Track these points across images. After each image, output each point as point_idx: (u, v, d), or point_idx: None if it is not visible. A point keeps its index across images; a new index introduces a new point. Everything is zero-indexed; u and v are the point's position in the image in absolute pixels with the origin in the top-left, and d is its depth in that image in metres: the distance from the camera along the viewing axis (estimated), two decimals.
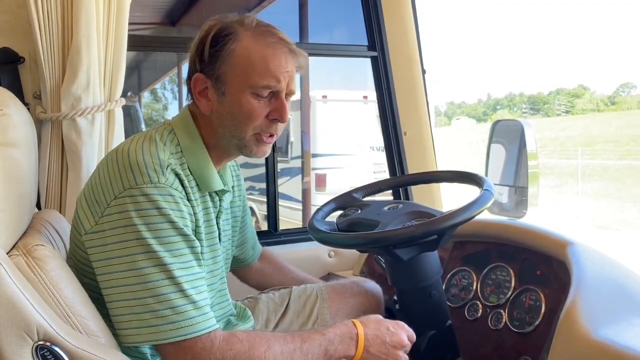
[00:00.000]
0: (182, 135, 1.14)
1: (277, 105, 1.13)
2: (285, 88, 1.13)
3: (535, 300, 1.42)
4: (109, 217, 1.00)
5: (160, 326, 0.96)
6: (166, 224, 0.99)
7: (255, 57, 1.10)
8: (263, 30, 1.12)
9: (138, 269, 0.97)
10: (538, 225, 1.54)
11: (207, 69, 1.12)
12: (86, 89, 1.46)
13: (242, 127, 1.13)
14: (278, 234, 2.08)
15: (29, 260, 0.94)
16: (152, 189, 1.00)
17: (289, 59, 1.13)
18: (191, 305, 0.99)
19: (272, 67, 1.10)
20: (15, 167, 0.99)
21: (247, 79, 1.10)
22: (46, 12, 1.42)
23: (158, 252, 0.98)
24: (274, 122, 1.14)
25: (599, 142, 22.24)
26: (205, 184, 1.14)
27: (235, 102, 1.11)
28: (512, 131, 1.86)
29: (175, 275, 0.98)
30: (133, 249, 0.97)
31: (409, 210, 1.37)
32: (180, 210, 1.03)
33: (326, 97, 7.53)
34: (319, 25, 6.07)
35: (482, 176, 1.39)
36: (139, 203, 0.99)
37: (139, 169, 1.01)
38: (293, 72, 1.14)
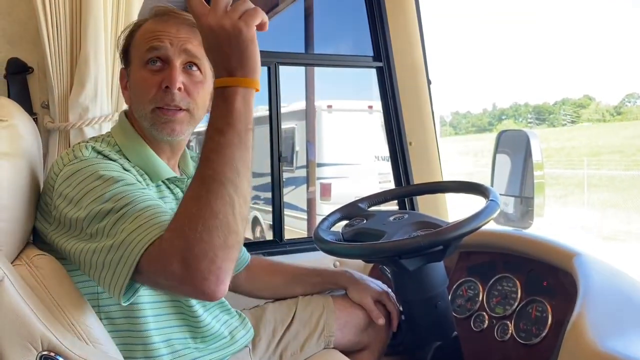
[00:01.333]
0: (119, 136, 1.15)
1: (167, 72, 1.09)
2: (177, 53, 1.09)
3: (542, 311, 1.41)
4: (55, 209, 0.99)
5: (132, 241, 0.86)
6: (96, 181, 0.97)
7: (147, 31, 1.12)
8: (161, 10, 1.14)
9: (90, 224, 0.92)
10: (544, 236, 1.53)
11: (124, 61, 1.18)
12: (94, 99, 1.47)
13: (140, 103, 1.12)
14: (283, 243, 2.08)
15: (32, 269, 0.94)
16: (76, 162, 1.01)
17: (183, 28, 1.11)
18: (147, 217, 0.89)
19: (157, 34, 1.10)
20: (20, 177, 1.00)
21: (138, 54, 1.12)
22: (55, 23, 1.44)
23: (100, 207, 0.92)
24: (167, 91, 1.09)
25: (604, 153, 22.16)
26: (154, 174, 1.14)
27: (134, 80, 1.13)
28: (517, 141, 1.85)
29: (125, 210, 0.91)
30: (76, 213, 0.95)
31: (414, 220, 1.37)
32: (108, 166, 1.02)
33: (331, 107, 7.55)
34: (325, 36, 6.09)
35: (488, 186, 1.39)
36: (68, 178, 0.99)
37: (67, 156, 1.04)
38: (190, 39, 1.11)
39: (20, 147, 0.99)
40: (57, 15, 1.43)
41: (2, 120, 0.95)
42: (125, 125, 1.17)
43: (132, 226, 0.88)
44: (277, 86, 2.01)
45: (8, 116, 0.96)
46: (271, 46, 5.24)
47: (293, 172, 7.44)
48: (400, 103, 2.16)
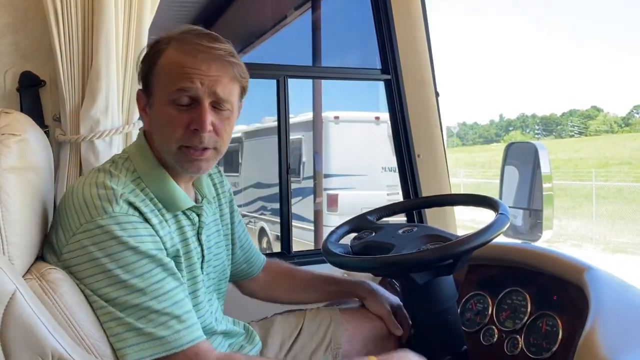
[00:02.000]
0: (137, 161, 1.12)
1: (196, 113, 1.05)
2: (206, 93, 1.05)
3: (552, 326, 1.40)
4: (69, 254, 0.99)
5: (149, 342, 0.96)
6: (127, 251, 0.98)
7: (173, 64, 1.06)
8: (187, 40, 1.07)
9: (112, 300, 0.97)
10: (554, 250, 1.52)
11: (143, 84, 1.13)
12: (105, 112, 1.49)
13: (165, 140, 1.08)
14: (291, 255, 2.08)
15: (43, 283, 0.95)
16: (107, 219, 0.98)
17: (214, 65, 1.06)
18: (174, 320, 0.99)
19: (186, 70, 1.04)
20: (32, 191, 1.01)
21: (165, 87, 1.06)
22: (67, 37, 1.45)
23: (128, 281, 0.97)
24: (195, 132, 1.06)
25: (613, 164, 22.04)
26: (171, 205, 1.11)
27: (158, 114, 1.08)
28: (525, 153, 1.85)
29: (151, 296, 0.98)
30: (101, 282, 0.97)
31: (424, 233, 1.37)
32: (140, 235, 1.01)
33: (338, 118, 7.57)
34: (333, 48, 6.13)
35: (498, 200, 1.38)
36: (97, 236, 0.97)
37: (93, 202, 1.00)
38: (221, 78, 1.06)
39: (31, 161, 1.00)
40: (70, 30, 1.45)
41: (15, 135, 0.95)
42: (145, 150, 1.14)
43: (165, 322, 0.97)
44: (286, 99, 2.03)
45: (21, 130, 0.97)
46: (279, 58, 5.26)
47: (300, 183, 7.46)
48: (408, 115, 2.16)
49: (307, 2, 4.84)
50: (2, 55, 1.48)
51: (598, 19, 66.34)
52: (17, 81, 1.49)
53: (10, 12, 1.48)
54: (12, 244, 0.91)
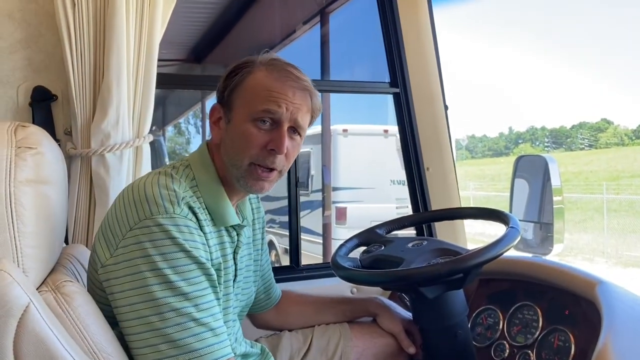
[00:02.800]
0: (198, 170, 1.15)
1: (276, 135, 1.11)
2: (288, 118, 1.12)
3: (565, 341, 1.38)
4: (124, 249, 1.00)
5: (179, 356, 0.96)
6: (180, 252, 0.99)
7: (261, 86, 1.11)
8: (278, 66, 1.14)
9: (155, 299, 0.97)
10: (565, 264, 1.51)
11: (223, 99, 1.16)
12: (115, 126, 1.50)
13: (239, 155, 1.12)
14: (300, 269, 2.07)
15: (58, 296, 0.95)
16: (167, 219, 1.00)
17: (299, 93, 1.13)
18: (210, 333, 0.99)
19: (274, 94, 1.10)
20: (47, 204, 1.01)
21: (249, 106, 1.11)
22: (79, 51, 1.47)
23: (175, 282, 0.98)
24: (271, 153, 1.11)
25: (624, 177, 21.86)
26: (220, 219, 1.14)
27: (237, 129, 1.12)
28: (535, 167, 1.85)
29: (193, 303, 0.98)
30: (149, 279, 0.97)
31: (433, 247, 1.36)
32: (195, 241, 1.03)
33: (347, 131, 7.58)
34: (342, 62, 6.16)
35: (508, 213, 1.37)
36: (154, 233, 0.99)
37: (155, 200, 1.02)
38: (302, 106, 1.13)
39: (47, 174, 1.01)
40: (82, 45, 1.47)
41: (31, 148, 0.96)
42: (207, 160, 1.17)
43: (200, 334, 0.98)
44: None
45: (37, 144, 0.98)
46: None
47: (308, 196, 7.46)
48: (417, 129, 2.16)
49: (315, 17, 4.88)
50: (15, 70, 1.51)
51: (609, 34, 66.34)
52: (29, 95, 1.52)
53: (23, 28, 1.50)
54: (27, 256, 0.92)
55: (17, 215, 0.90)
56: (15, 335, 0.81)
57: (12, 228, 0.90)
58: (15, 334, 0.81)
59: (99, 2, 1.47)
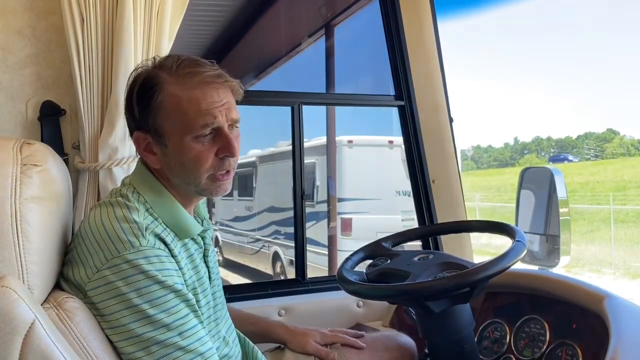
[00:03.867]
0: (145, 192, 1.12)
1: (223, 141, 1.09)
2: (225, 121, 1.09)
3: (572, 355, 1.37)
4: (94, 291, 0.99)
5: None
6: (155, 285, 0.98)
7: (184, 101, 1.07)
8: (186, 72, 1.08)
9: (138, 336, 0.97)
10: (572, 277, 1.50)
11: (142, 124, 1.11)
12: (123, 140, 1.51)
13: (194, 174, 1.10)
14: (306, 282, 2.07)
15: (60, 312, 0.95)
16: (135, 254, 0.98)
17: (221, 91, 1.09)
18: (199, 358, 0.99)
19: (204, 106, 1.06)
20: (52, 220, 1.02)
21: (183, 125, 1.07)
22: (88, 66, 1.49)
23: (154, 316, 0.97)
24: (224, 159, 1.11)
25: (631, 187, 21.74)
26: (183, 232, 1.12)
27: (179, 151, 1.09)
28: (541, 178, 1.84)
29: (176, 332, 0.98)
30: (127, 317, 0.97)
31: (440, 261, 1.36)
32: (167, 269, 1.01)
33: (352, 142, 7.59)
34: (347, 74, 6.18)
35: (514, 227, 1.37)
36: (124, 271, 0.97)
37: (118, 236, 1.00)
38: (230, 102, 1.11)
39: (52, 190, 1.02)
40: (90, 60, 1.49)
41: (37, 165, 0.97)
42: (152, 180, 1.14)
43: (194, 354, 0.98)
44: (301, 126, 2.04)
45: (42, 161, 0.99)
46: (293, 84, 5.31)
47: (314, 207, 7.46)
48: (422, 141, 2.16)
49: (320, 30, 4.91)
50: (25, 85, 1.53)
51: (611, 43, 66.35)
52: (38, 110, 1.53)
53: (33, 44, 1.52)
54: (32, 272, 0.93)
55: (22, 233, 0.91)
56: (20, 352, 0.82)
57: (18, 245, 0.91)
58: (21, 351, 0.82)
59: (108, 18, 1.49)
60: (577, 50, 64.93)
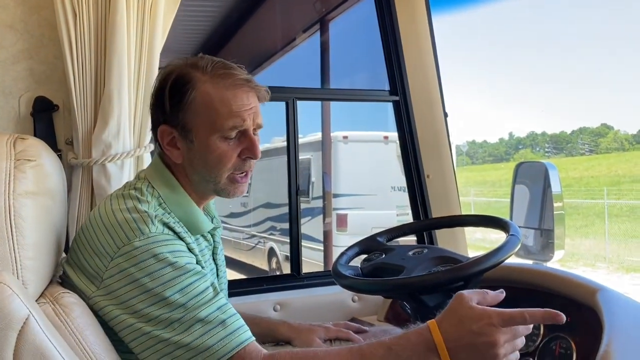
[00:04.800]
0: (160, 186, 1.14)
1: (247, 143, 1.14)
2: (252, 125, 1.14)
3: (566, 348, 1.38)
4: (110, 280, 1.00)
5: (196, 356, 0.97)
6: (167, 267, 1.00)
7: (216, 101, 1.11)
8: (220, 73, 1.13)
9: (156, 318, 0.97)
10: (565, 271, 1.51)
11: (170, 119, 1.14)
12: (116, 136, 1.51)
13: (215, 172, 1.14)
14: (301, 277, 2.07)
15: (56, 307, 0.95)
16: (145, 240, 1.01)
17: (250, 95, 1.14)
18: (220, 326, 0.99)
19: (235, 108, 1.11)
20: (47, 215, 1.02)
21: (212, 123, 1.11)
22: (81, 62, 1.49)
23: (169, 297, 0.98)
24: (246, 160, 1.15)
25: (625, 182, 21.86)
26: (195, 229, 1.15)
27: (205, 148, 1.12)
28: (535, 173, 1.85)
29: (193, 309, 0.99)
30: (144, 302, 0.98)
31: (434, 255, 1.36)
32: (178, 250, 1.04)
33: (347, 138, 7.59)
34: (342, 70, 6.18)
35: (509, 221, 1.38)
36: (135, 257, 0.99)
37: (128, 225, 1.02)
38: (257, 107, 1.15)
39: (46, 185, 1.02)
40: (83, 55, 1.48)
41: (31, 160, 0.97)
42: (167, 175, 1.17)
43: (209, 331, 0.98)
44: (295, 121, 2.04)
45: (36, 156, 0.99)
46: (288, 79, 5.32)
47: (309, 203, 7.46)
48: (417, 136, 2.17)
49: (315, 25, 4.90)
50: (17, 81, 1.52)
51: (605, 35, 66.31)
52: (31, 106, 1.53)
53: (26, 39, 1.51)
54: (26, 268, 0.92)
55: (16, 228, 0.91)
56: (15, 347, 0.81)
57: (12, 240, 0.91)
58: (15, 346, 0.81)
59: (101, 13, 1.48)
60: (573, 45, 64.95)
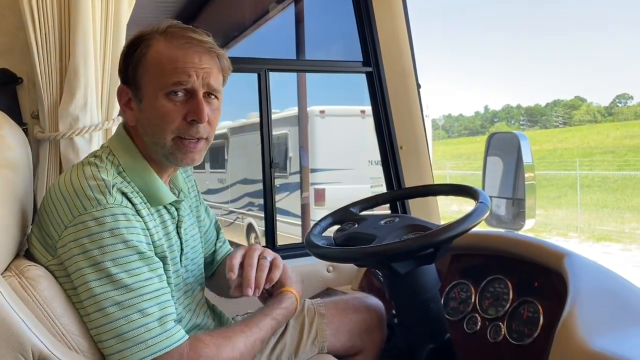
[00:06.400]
0: (121, 155, 1.13)
1: (193, 105, 1.10)
2: (201, 85, 1.10)
3: (534, 312, 1.42)
4: (63, 249, 0.99)
5: (129, 349, 0.96)
6: (120, 244, 0.99)
7: (164, 57, 1.09)
8: (175, 32, 1.11)
9: (97, 295, 0.97)
10: (534, 237, 1.54)
11: (127, 79, 1.13)
12: (84, 109, 1.47)
13: (160, 132, 1.10)
14: (276, 249, 2.08)
15: (22, 280, 0.95)
16: (102, 211, 0.99)
17: (205, 57, 1.11)
18: (156, 323, 0.99)
19: (180, 64, 1.08)
20: (10, 188, 1.00)
21: (158, 81, 1.09)
22: (44, 33, 1.44)
23: (115, 275, 0.97)
24: (192, 123, 1.10)
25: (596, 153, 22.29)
26: (155, 200, 1.13)
27: (151, 107, 1.10)
28: (508, 144, 1.87)
29: (135, 294, 0.98)
30: (90, 275, 0.97)
31: (405, 223, 1.38)
32: (134, 227, 1.02)
33: (324, 112, 7.56)
34: (317, 42, 6.11)
35: (478, 189, 1.39)
36: (90, 228, 0.98)
37: (85, 193, 1.00)
38: (211, 70, 1.11)
39: (8, 158, 1.00)
40: (46, 26, 1.44)
41: None
42: (128, 143, 1.15)
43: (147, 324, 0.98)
44: (267, 93, 2.02)
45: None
46: (263, 53, 5.26)
47: (287, 178, 7.45)
48: (390, 107, 2.17)
49: None
50: None
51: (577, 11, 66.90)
52: None
53: None
54: None
55: None
56: None
57: None
58: None
59: None
60: (546, 19, 65.41)
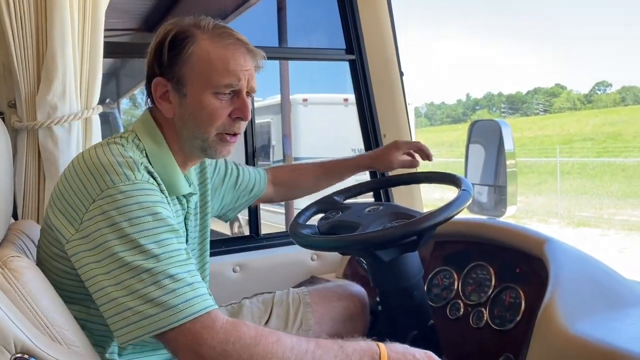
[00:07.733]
0: (146, 140, 1.15)
1: (239, 103, 1.15)
2: (245, 86, 1.15)
3: (515, 297, 1.44)
4: (89, 222, 0.98)
5: (159, 314, 0.94)
6: (149, 216, 0.99)
7: (214, 57, 1.12)
8: (220, 32, 1.15)
9: (128, 264, 0.95)
10: (516, 224, 1.56)
11: (166, 72, 1.14)
12: (62, 97, 1.45)
13: (205, 127, 1.15)
14: (260, 238, 2.08)
15: (5, 272, 0.92)
16: (130, 185, 1.00)
17: (247, 58, 1.16)
18: (188, 287, 0.97)
19: (231, 67, 1.13)
20: None
21: (208, 79, 1.12)
22: (20, 19, 1.41)
23: (145, 245, 0.97)
24: (236, 120, 1.16)
25: (576, 140, 22.59)
26: (172, 189, 1.15)
27: (197, 103, 1.13)
28: (490, 131, 1.88)
29: (165, 263, 0.97)
30: (119, 246, 0.96)
31: (389, 211, 1.38)
32: (161, 202, 1.04)
33: (307, 101, 7.54)
34: (299, 30, 6.07)
35: (460, 176, 1.40)
36: (119, 201, 0.98)
37: (114, 168, 1.01)
38: (252, 70, 1.17)
39: None
40: (22, 12, 1.41)
41: None
42: (155, 131, 1.17)
43: (177, 289, 0.95)
44: None
45: None
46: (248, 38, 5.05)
47: (270, 166, 7.43)
48: (373, 95, 2.17)
49: None
50: None
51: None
52: None
53: None
54: None
55: None
56: None
57: None
58: None
59: None
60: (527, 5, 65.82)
